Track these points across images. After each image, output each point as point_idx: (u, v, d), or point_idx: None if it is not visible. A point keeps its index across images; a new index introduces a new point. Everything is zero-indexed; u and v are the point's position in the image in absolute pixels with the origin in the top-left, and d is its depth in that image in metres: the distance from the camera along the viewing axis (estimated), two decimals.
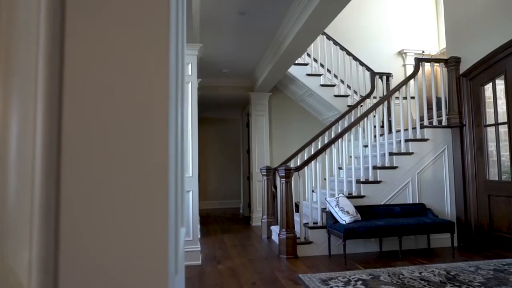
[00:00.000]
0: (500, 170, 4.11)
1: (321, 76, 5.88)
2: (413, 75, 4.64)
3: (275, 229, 4.88)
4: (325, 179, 4.97)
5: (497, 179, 4.14)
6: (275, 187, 5.16)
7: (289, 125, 6.87)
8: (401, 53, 7.23)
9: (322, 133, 5.37)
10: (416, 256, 3.95)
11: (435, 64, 4.82)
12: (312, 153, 4.58)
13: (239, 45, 4.97)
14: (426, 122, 4.63)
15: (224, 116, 9.69)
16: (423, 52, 7.23)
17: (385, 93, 5.76)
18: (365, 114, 4.51)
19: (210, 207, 9.46)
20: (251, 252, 4.30)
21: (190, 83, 3.87)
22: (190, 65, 3.89)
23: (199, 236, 5.36)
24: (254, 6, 3.82)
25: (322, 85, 5.86)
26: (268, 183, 5.40)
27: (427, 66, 5.77)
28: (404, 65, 7.21)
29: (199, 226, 5.43)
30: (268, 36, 4.67)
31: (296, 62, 5.74)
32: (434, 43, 7.42)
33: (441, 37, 7.34)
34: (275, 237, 4.82)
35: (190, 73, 3.89)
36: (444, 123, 4.63)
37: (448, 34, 4.84)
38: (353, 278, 3.17)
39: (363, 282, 3.07)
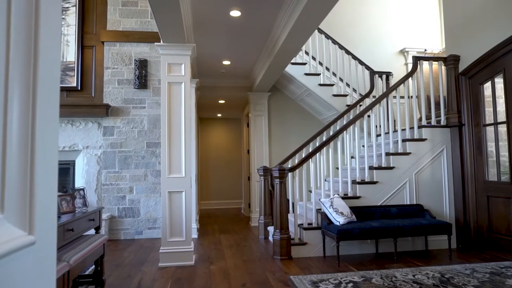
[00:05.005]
0: (499, 171, 4.01)
1: (320, 75, 5.81)
2: (411, 73, 4.56)
3: (271, 229, 4.85)
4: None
5: (496, 179, 4.04)
6: (273, 187, 5.12)
7: (288, 125, 6.82)
8: (403, 52, 7.12)
9: (320, 133, 5.31)
10: (412, 258, 3.87)
11: (434, 62, 4.73)
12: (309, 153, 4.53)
13: (235, 45, 4.94)
14: (424, 122, 4.55)
15: (226, 116, 9.68)
16: (425, 50, 7.12)
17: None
18: (362, 114, 4.45)
19: (212, 207, 9.46)
20: (246, 253, 4.27)
21: (183, 84, 3.85)
22: (183, 65, 3.86)
23: (196, 236, 5.36)
24: (248, 6, 3.79)
25: (320, 85, 5.80)
26: (265, 183, 5.37)
27: (426, 64, 5.68)
28: (406, 64, 7.10)
29: (195, 226, 5.43)
30: (263, 36, 4.63)
31: (294, 61, 5.69)
32: (437, 41, 7.30)
33: (444, 35, 7.21)
34: (271, 238, 4.79)
35: (183, 74, 3.87)
36: (443, 122, 4.54)
37: (447, 32, 4.75)
38: (344, 280, 3.12)
39: (354, 284, 3.02)
